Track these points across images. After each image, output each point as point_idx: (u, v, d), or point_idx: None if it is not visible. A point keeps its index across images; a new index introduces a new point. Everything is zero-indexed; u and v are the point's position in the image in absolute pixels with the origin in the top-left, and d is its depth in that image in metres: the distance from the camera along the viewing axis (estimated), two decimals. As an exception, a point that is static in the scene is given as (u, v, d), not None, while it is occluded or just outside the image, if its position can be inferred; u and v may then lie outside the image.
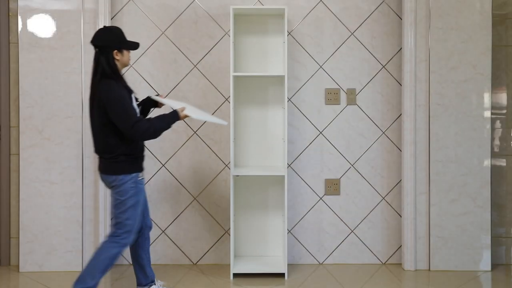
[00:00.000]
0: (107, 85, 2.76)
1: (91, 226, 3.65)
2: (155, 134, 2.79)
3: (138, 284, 3.11)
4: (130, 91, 2.88)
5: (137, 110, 2.87)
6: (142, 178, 2.93)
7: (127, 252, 3.76)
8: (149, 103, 3.08)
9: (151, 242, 3.76)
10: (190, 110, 2.92)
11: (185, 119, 3.09)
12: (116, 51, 2.83)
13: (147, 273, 3.09)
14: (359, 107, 3.80)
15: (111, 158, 2.82)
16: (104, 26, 2.95)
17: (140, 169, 2.92)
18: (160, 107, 3.16)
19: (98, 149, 2.87)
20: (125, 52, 2.89)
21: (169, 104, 2.99)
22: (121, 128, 2.76)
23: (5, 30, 3.70)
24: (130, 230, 2.84)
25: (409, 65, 3.63)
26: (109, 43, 2.83)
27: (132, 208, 2.84)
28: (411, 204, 3.64)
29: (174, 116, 2.85)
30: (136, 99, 2.94)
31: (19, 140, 3.60)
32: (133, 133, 2.74)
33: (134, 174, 2.85)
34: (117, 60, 2.85)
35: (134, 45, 2.94)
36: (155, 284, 3.11)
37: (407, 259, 3.66)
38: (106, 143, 2.82)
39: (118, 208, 2.84)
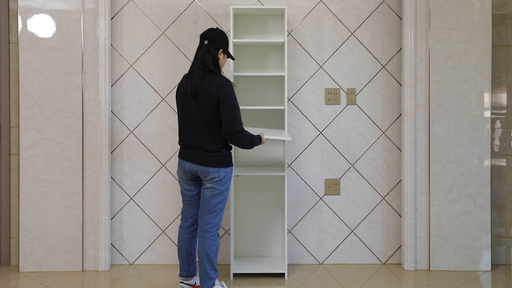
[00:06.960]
0: (227, 82, 2.92)
1: (91, 226, 3.65)
2: (242, 146, 2.94)
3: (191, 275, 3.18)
4: None
5: None
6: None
7: (127, 252, 3.76)
8: None
9: (151, 242, 3.77)
10: (266, 134, 3.15)
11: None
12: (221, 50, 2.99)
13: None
14: (359, 107, 3.80)
15: (215, 151, 2.92)
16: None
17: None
18: None
19: (198, 142, 2.93)
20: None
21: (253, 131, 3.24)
22: (228, 129, 2.87)
23: (5, 30, 3.70)
24: (221, 218, 3.04)
25: (409, 65, 3.63)
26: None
27: (226, 198, 3.03)
28: (411, 204, 3.64)
29: (259, 140, 3.04)
30: None
31: (19, 140, 3.61)
32: (236, 138, 2.90)
33: (232, 167, 3.04)
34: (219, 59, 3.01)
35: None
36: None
37: (407, 259, 3.66)
38: (212, 136, 2.91)
39: (216, 198, 2.95)
